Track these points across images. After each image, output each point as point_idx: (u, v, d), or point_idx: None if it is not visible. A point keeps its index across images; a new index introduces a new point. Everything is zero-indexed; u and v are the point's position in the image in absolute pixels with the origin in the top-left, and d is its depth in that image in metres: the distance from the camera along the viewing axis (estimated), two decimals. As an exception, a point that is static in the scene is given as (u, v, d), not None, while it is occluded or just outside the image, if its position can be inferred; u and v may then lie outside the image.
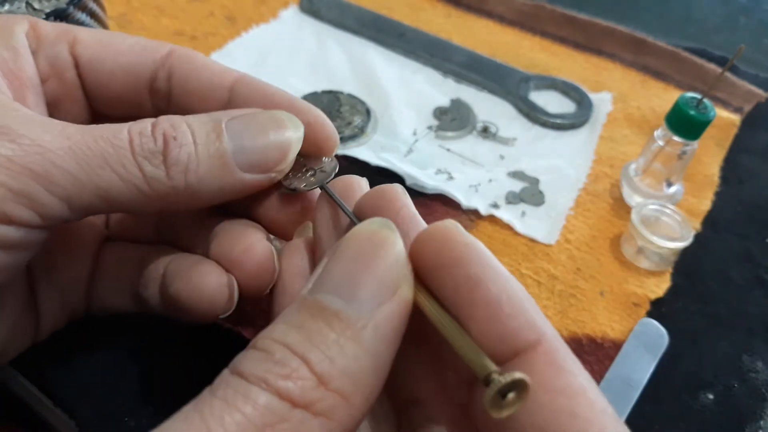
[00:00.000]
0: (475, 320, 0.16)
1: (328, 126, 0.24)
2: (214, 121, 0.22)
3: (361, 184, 0.22)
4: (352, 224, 0.20)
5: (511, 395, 0.15)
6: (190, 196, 0.21)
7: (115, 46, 0.24)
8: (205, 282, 0.22)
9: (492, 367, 0.15)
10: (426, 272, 0.17)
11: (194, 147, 0.21)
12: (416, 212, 0.20)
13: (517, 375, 0.15)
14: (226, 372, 0.16)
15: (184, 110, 0.23)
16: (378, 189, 0.21)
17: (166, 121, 0.21)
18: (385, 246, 0.17)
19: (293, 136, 0.23)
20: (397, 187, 0.21)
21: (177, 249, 0.26)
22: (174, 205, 0.21)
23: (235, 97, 0.24)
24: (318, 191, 0.24)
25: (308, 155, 0.25)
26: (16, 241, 0.19)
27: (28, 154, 0.18)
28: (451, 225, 0.18)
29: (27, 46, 0.23)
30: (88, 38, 0.24)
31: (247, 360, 0.16)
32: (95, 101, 0.25)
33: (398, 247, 0.17)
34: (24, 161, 0.18)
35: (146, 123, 0.21)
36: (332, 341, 0.16)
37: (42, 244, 0.21)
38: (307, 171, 0.24)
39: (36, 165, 0.18)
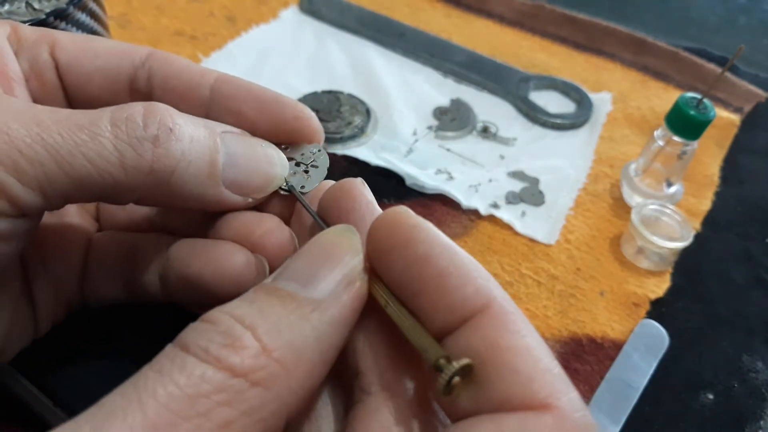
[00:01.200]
0: (425, 294, 0.17)
1: (313, 120, 0.25)
2: (209, 128, 0.22)
3: (362, 189, 0.22)
4: (319, 228, 0.21)
5: (456, 379, 0.16)
6: (167, 194, 0.21)
7: (94, 50, 0.24)
8: (231, 260, 0.22)
9: (439, 352, 0.16)
10: (380, 256, 0.18)
11: (189, 143, 0.20)
12: (373, 200, 0.21)
13: (464, 361, 0.15)
14: (168, 346, 0.16)
15: None
16: (337, 183, 0.21)
17: (163, 110, 0.20)
18: (345, 246, 0.18)
19: (279, 173, 0.23)
20: (356, 180, 0.21)
21: (171, 236, 0.25)
22: (146, 199, 0.21)
23: (217, 94, 0.24)
24: (316, 187, 0.24)
25: (294, 146, 0.25)
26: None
27: None
28: (400, 209, 0.18)
29: (9, 47, 0.23)
30: (67, 41, 0.24)
31: (190, 331, 0.16)
32: (75, 102, 0.25)
33: (356, 248, 0.18)
34: None
35: (136, 107, 0.20)
36: (282, 315, 0.16)
37: (29, 234, 0.20)
38: (298, 165, 0.24)
39: (2, 154, 0.18)
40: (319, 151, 0.25)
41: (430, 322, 0.17)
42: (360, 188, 0.21)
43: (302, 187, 0.24)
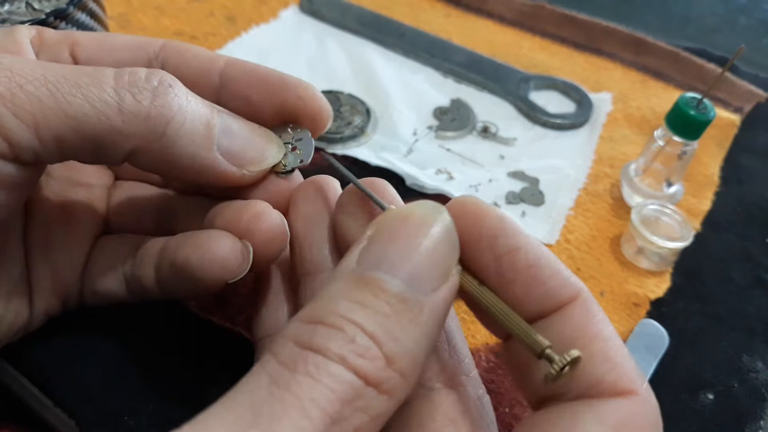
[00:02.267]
0: (519, 283, 0.18)
1: (317, 98, 0.25)
2: (206, 102, 0.22)
3: (386, 187, 0.22)
4: (378, 209, 0.21)
5: (567, 370, 0.16)
6: (161, 150, 0.21)
7: (111, 44, 0.25)
8: (217, 245, 0.22)
9: (545, 342, 0.17)
10: (466, 245, 0.18)
11: (187, 102, 0.21)
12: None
13: (574, 353, 0.16)
14: (290, 345, 0.16)
15: None
16: (367, 179, 0.22)
17: (165, 72, 0.21)
18: (440, 228, 0.18)
19: (275, 147, 0.24)
20: (382, 180, 0.22)
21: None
22: (140, 155, 0.21)
23: (225, 79, 0.24)
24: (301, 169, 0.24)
25: (274, 127, 0.25)
26: None
27: None
28: (478, 200, 0.19)
29: (30, 48, 0.24)
30: (86, 39, 0.25)
31: (319, 336, 0.16)
32: None
33: (452, 231, 0.18)
34: None
35: (140, 68, 0.21)
36: (395, 323, 0.16)
37: (22, 187, 0.21)
38: (285, 144, 0.25)
39: (2, 87, 0.18)
40: (299, 130, 0.25)
41: (521, 310, 0.18)
42: (389, 188, 0.22)
43: (300, 161, 0.24)
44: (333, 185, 0.24)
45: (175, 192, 0.28)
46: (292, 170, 0.24)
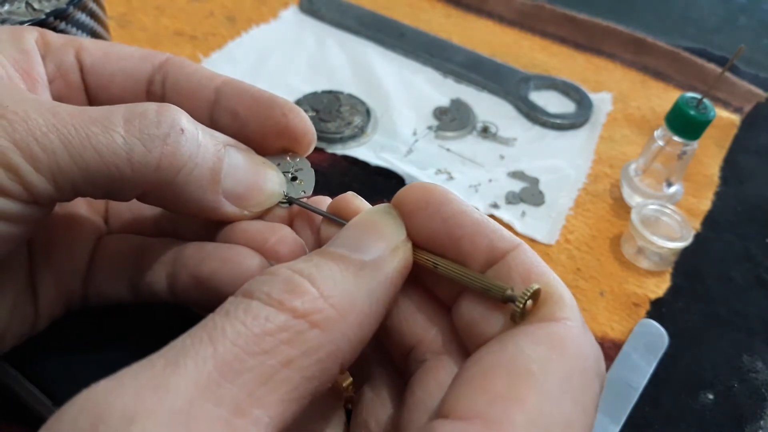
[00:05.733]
0: (466, 239, 0.20)
1: (304, 118, 0.25)
2: (215, 138, 0.23)
3: (356, 201, 0.24)
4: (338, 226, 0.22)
5: (529, 303, 0.18)
6: (168, 194, 0.21)
7: (117, 53, 0.25)
8: (247, 262, 0.23)
9: (505, 286, 0.18)
10: (415, 215, 0.20)
11: (197, 148, 0.21)
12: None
13: (534, 286, 0.18)
14: (231, 297, 0.17)
15: None
16: (335, 199, 0.23)
17: (176, 111, 0.21)
18: (386, 219, 0.20)
19: (277, 189, 0.24)
20: (349, 194, 0.23)
21: (180, 240, 0.26)
22: (148, 197, 0.22)
23: (220, 96, 0.25)
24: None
25: (272, 156, 0.25)
26: (10, 214, 0.19)
27: (14, 128, 0.19)
28: (424, 183, 0.21)
29: (36, 50, 0.24)
30: (92, 46, 0.25)
31: (253, 282, 0.18)
32: (96, 103, 0.26)
33: (398, 221, 0.20)
34: (8, 134, 0.19)
35: (150, 106, 0.21)
36: (336, 270, 0.18)
37: (39, 222, 0.21)
38: (284, 174, 0.25)
39: (20, 139, 0.19)
40: (298, 159, 0.26)
41: (472, 263, 0.20)
42: (353, 200, 0.23)
43: (303, 192, 0.25)
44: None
45: None
46: (293, 202, 0.25)
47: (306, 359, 0.16)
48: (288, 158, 0.25)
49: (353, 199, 0.23)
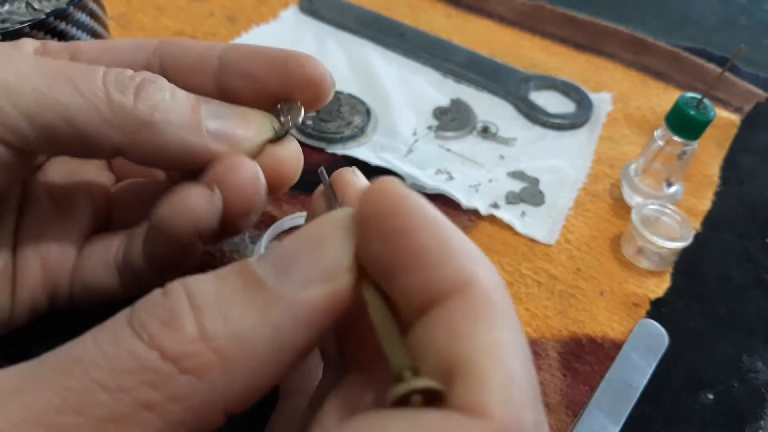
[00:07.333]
0: (402, 270, 0.15)
1: (322, 65, 0.25)
2: (195, 95, 0.23)
3: (352, 177, 0.22)
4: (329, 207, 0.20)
5: (416, 398, 0.13)
6: (152, 137, 0.21)
7: (112, 47, 0.26)
8: (185, 194, 0.22)
9: (405, 362, 0.14)
10: (361, 231, 0.16)
11: (170, 94, 0.22)
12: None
13: (426, 383, 0.13)
14: (123, 310, 0.16)
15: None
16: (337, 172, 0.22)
17: (148, 72, 0.22)
18: (336, 232, 0.16)
19: (267, 124, 0.24)
20: (345, 169, 0.21)
21: None
22: (133, 145, 0.21)
23: (224, 60, 0.25)
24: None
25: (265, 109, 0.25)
26: None
27: None
28: (389, 178, 0.16)
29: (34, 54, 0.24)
30: (86, 46, 0.26)
31: (144, 299, 0.16)
32: None
33: (344, 239, 0.16)
34: None
35: (126, 69, 0.22)
36: (237, 303, 0.15)
37: (11, 172, 0.21)
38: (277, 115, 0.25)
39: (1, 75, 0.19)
40: (289, 103, 0.25)
41: (405, 304, 0.15)
42: (349, 176, 0.21)
43: (290, 123, 0.24)
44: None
45: None
46: (285, 134, 0.24)
47: (173, 405, 0.14)
48: (279, 106, 0.25)
49: (350, 176, 0.21)
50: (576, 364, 0.32)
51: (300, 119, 0.24)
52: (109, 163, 0.29)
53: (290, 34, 0.53)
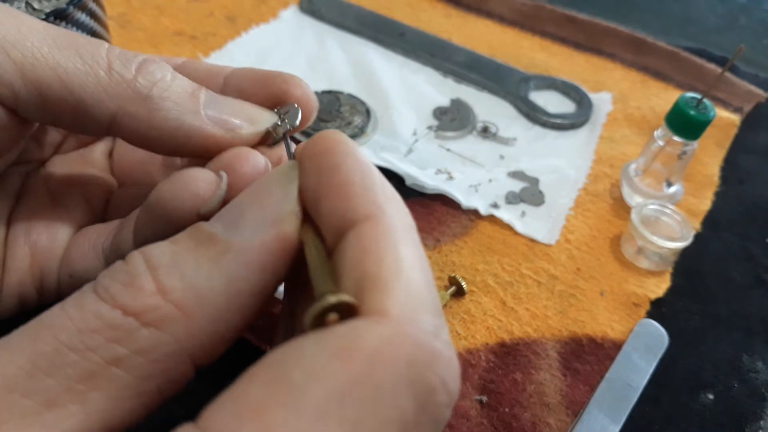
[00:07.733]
0: (327, 198, 0.17)
1: (305, 85, 0.25)
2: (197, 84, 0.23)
3: (339, 140, 0.22)
4: None
5: (332, 316, 0.14)
6: (147, 112, 0.21)
7: None
8: (190, 176, 0.21)
9: (325, 286, 0.15)
10: (301, 170, 0.18)
11: (171, 76, 0.22)
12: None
13: (343, 297, 0.14)
14: (86, 284, 0.17)
15: None
16: (313, 137, 0.21)
17: (152, 55, 0.22)
18: (279, 181, 0.18)
19: (267, 115, 0.24)
20: (331, 132, 0.21)
21: None
22: (128, 117, 0.21)
23: (228, 79, 0.25)
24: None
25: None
26: None
27: None
28: (330, 130, 0.18)
29: None
30: None
31: (107, 269, 0.17)
32: None
33: (288, 186, 0.18)
34: None
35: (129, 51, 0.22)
36: (191, 258, 0.16)
37: (3, 140, 0.21)
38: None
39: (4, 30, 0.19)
40: (286, 107, 0.25)
41: (325, 230, 0.17)
42: (336, 138, 0.20)
43: (288, 126, 0.24)
44: None
45: None
46: (283, 136, 0.24)
47: (139, 358, 0.15)
48: (276, 109, 0.25)
49: (333, 135, 0.19)
50: (576, 364, 0.32)
51: (297, 121, 0.24)
52: (111, 167, 0.29)
53: (290, 33, 0.53)
